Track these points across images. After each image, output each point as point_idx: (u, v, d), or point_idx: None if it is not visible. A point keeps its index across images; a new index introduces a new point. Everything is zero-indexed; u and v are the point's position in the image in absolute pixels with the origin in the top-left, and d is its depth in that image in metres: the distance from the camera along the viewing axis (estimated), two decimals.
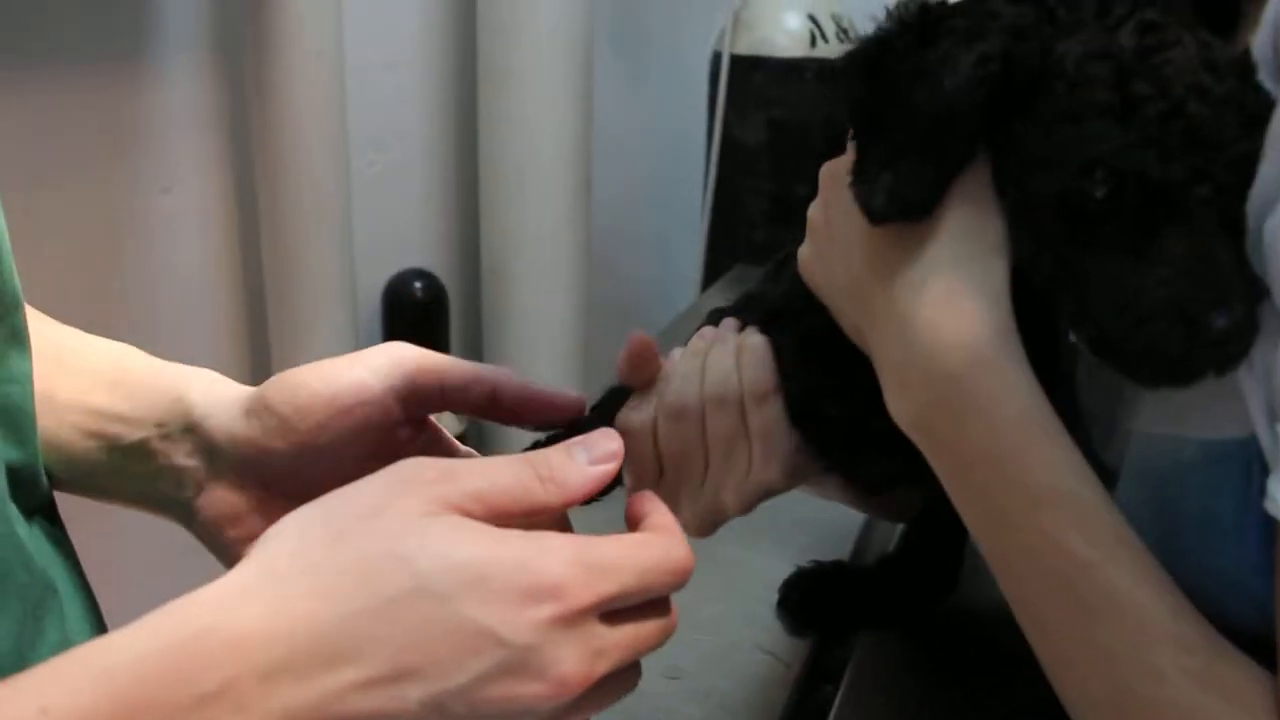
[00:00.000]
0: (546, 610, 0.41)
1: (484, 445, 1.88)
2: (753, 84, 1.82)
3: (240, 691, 0.39)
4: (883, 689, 0.74)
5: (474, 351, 1.89)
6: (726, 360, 0.61)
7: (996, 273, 0.52)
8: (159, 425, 0.60)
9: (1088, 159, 0.48)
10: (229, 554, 0.61)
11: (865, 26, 0.56)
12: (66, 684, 0.38)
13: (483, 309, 1.84)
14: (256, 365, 1.62)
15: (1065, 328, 0.53)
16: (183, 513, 0.61)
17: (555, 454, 0.48)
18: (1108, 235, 0.48)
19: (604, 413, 0.63)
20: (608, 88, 1.90)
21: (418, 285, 1.74)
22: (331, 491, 0.46)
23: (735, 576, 0.67)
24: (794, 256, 0.62)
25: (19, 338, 0.53)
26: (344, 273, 1.58)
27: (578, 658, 0.42)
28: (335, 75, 1.49)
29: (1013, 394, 0.50)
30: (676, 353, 0.63)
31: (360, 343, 1.62)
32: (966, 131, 0.51)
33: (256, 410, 0.59)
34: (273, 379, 0.60)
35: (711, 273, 1.90)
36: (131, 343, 0.66)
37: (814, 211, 0.60)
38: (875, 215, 0.53)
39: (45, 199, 1.28)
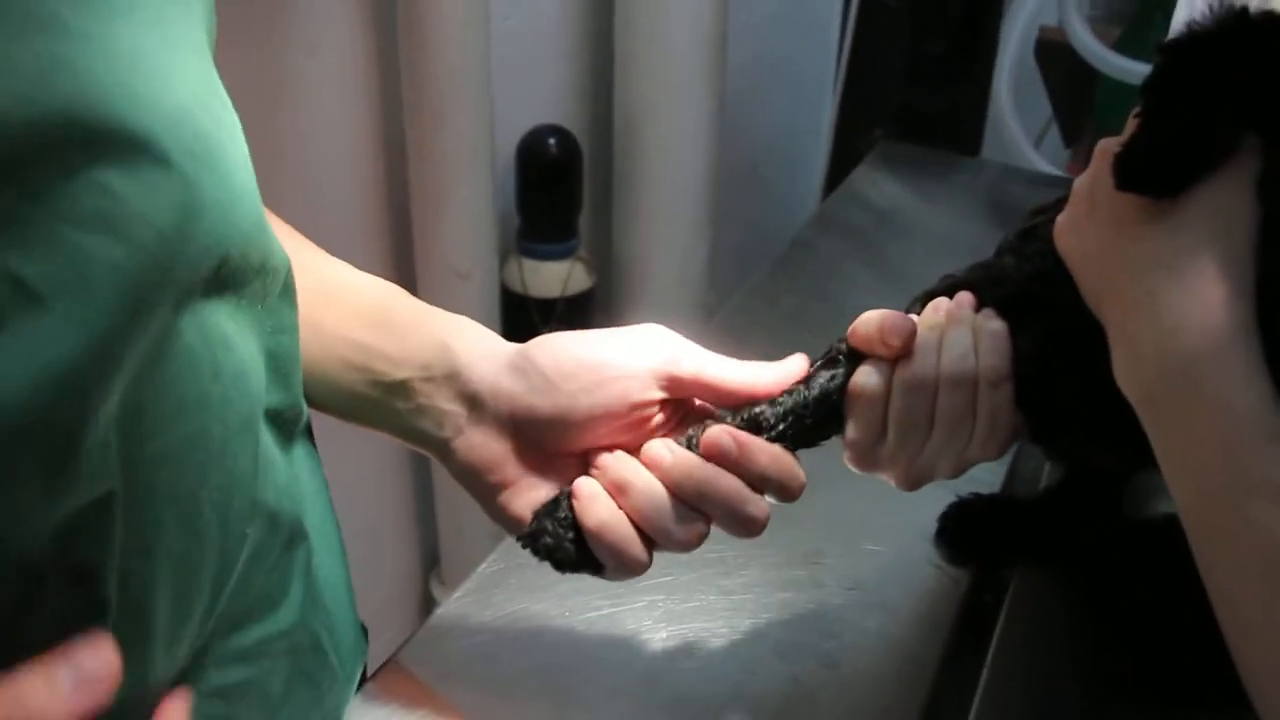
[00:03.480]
0: None
1: (614, 300, 1.91)
2: None
3: None
4: (1046, 604, 0.78)
5: (605, 207, 1.90)
6: (965, 341, 0.63)
7: (1247, 266, 0.52)
8: (424, 368, 0.63)
9: None
10: (486, 497, 0.65)
11: None
12: None
13: (614, 166, 1.85)
14: (397, 222, 1.65)
15: None
16: (440, 450, 0.65)
17: (32, 686, 0.37)
18: None
19: (836, 373, 0.65)
20: None
21: (552, 141, 1.74)
22: None
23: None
24: (1034, 232, 0.63)
25: (289, 293, 0.56)
26: (482, 130, 1.59)
27: None
28: None
29: (1243, 388, 0.51)
30: (913, 317, 0.65)
31: (497, 200, 1.65)
32: (1228, 125, 0.52)
33: (522, 367, 0.62)
34: (538, 340, 0.63)
35: (846, 134, 1.89)
36: (284, 200, 0.69)
37: (1080, 182, 0.61)
38: (1121, 182, 0.54)
39: None
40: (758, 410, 0.66)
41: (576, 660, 0.75)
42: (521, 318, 1.77)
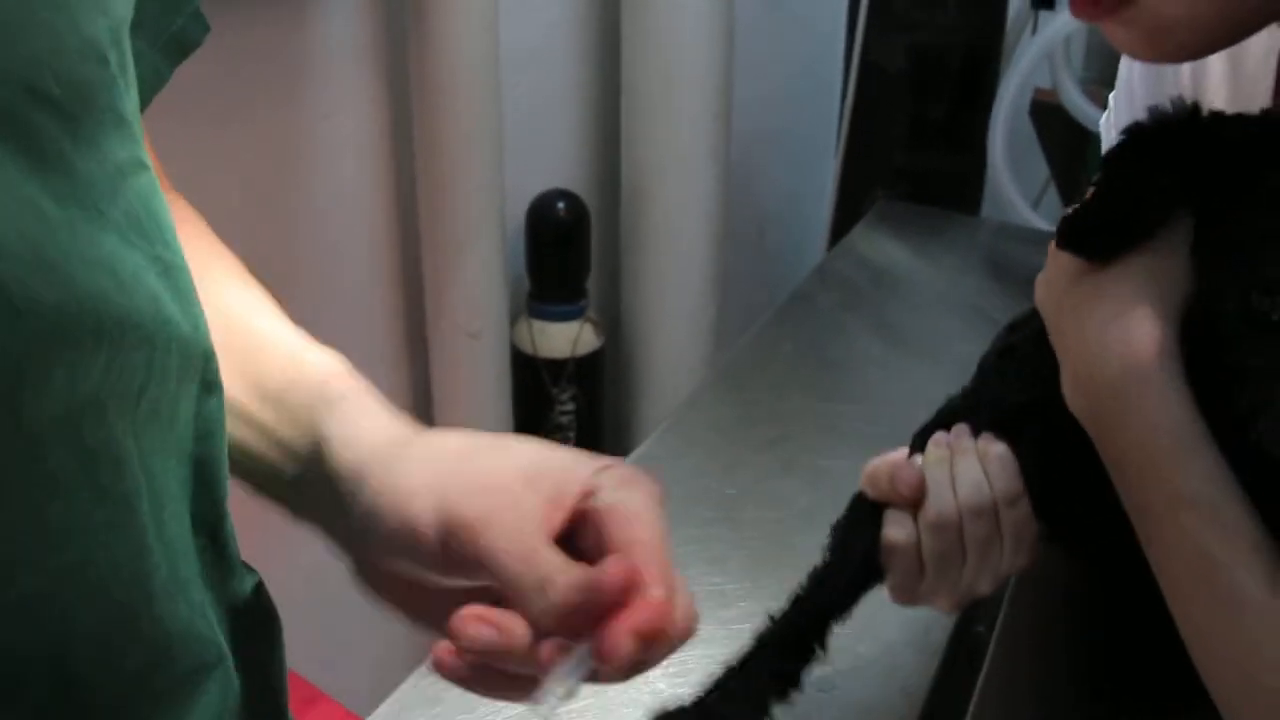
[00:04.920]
0: None
1: (623, 361, 1.95)
2: (894, 7, 1.83)
3: None
4: (1036, 625, 0.80)
5: (613, 270, 1.94)
6: (975, 471, 0.68)
7: (1170, 304, 0.57)
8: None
9: (1270, 280, 0.52)
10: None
11: None
12: None
13: (622, 229, 1.90)
14: (408, 282, 1.69)
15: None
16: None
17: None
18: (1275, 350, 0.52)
19: (866, 531, 0.70)
20: (746, 10, 1.92)
21: (561, 205, 1.78)
22: None
23: None
24: (1012, 351, 0.68)
25: (213, 390, 0.53)
26: (493, 194, 1.64)
27: None
28: (488, 2, 1.54)
29: (1166, 407, 0.56)
30: (918, 460, 0.70)
31: (507, 262, 1.69)
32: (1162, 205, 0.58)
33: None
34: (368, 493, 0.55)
35: (848, 196, 1.93)
36: (298, 261, 0.64)
37: (1054, 241, 0.66)
38: (1062, 243, 0.61)
39: (219, 126, 1.36)
40: (810, 594, 0.72)
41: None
42: (531, 378, 1.81)
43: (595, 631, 0.48)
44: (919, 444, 0.72)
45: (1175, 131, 0.59)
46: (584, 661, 0.49)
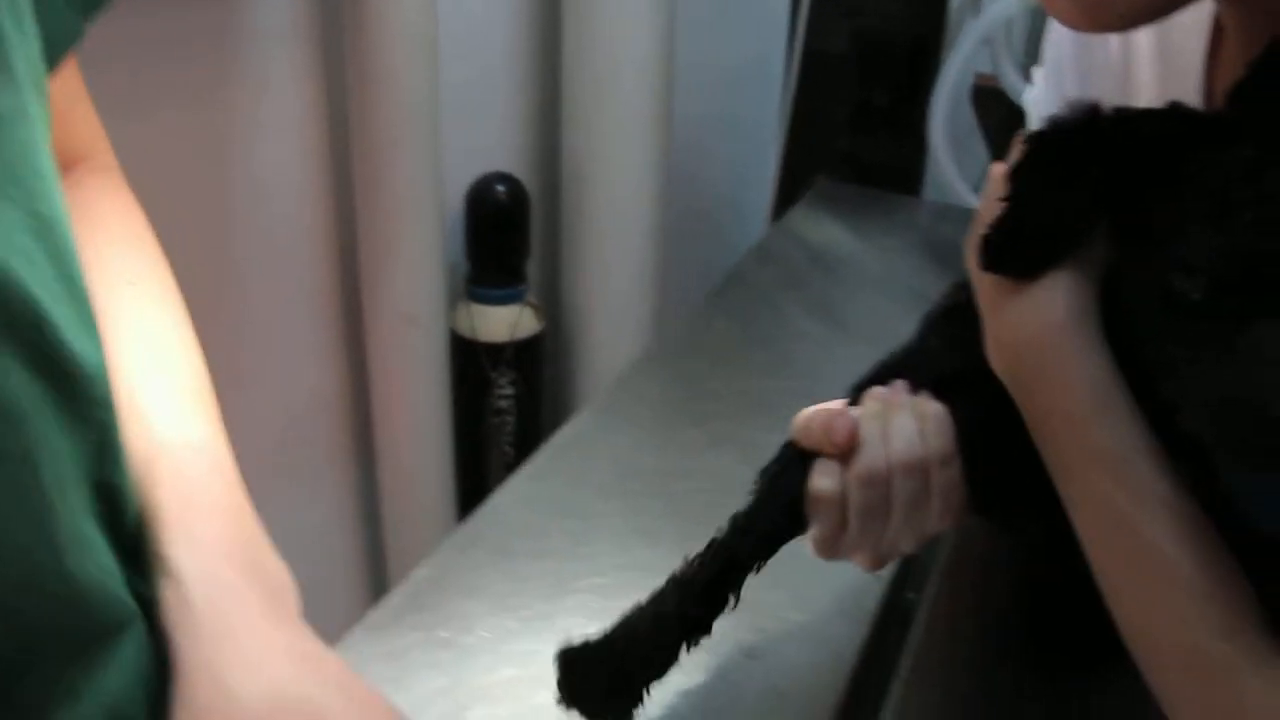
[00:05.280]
0: None
1: (562, 345, 1.94)
2: None
3: None
4: (966, 591, 0.80)
5: (553, 254, 1.93)
6: (910, 428, 0.67)
7: (1088, 278, 0.57)
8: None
9: (1188, 261, 0.50)
10: None
11: None
12: None
13: (562, 213, 1.88)
14: (345, 267, 1.67)
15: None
16: None
17: None
18: (1202, 330, 0.50)
19: (793, 478, 0.68)
20: None
21: (500, 189, 1.77)
22: None
23: None
24: (957, 310, 0.68)
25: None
26: (431, 176, 1.62)
27: None
28: None
29: (1080, 365, 0.56)
30: (854, 411, 0.68)
31: (446, 246, 1.67)
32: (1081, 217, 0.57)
33: None
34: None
35: (790, 182, 1.93)
36: (233, 245, 0.65)
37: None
38: (984, 265, 0.60)
39: (150, 108, 1.33)
40: (727, 539, 0.70)
41: (508, 657, 0.77)
42: (470, 362, 1.79)
43: None
44: (855, 396, 0.71)
45: (1078, 137, 0.58)
46: None
